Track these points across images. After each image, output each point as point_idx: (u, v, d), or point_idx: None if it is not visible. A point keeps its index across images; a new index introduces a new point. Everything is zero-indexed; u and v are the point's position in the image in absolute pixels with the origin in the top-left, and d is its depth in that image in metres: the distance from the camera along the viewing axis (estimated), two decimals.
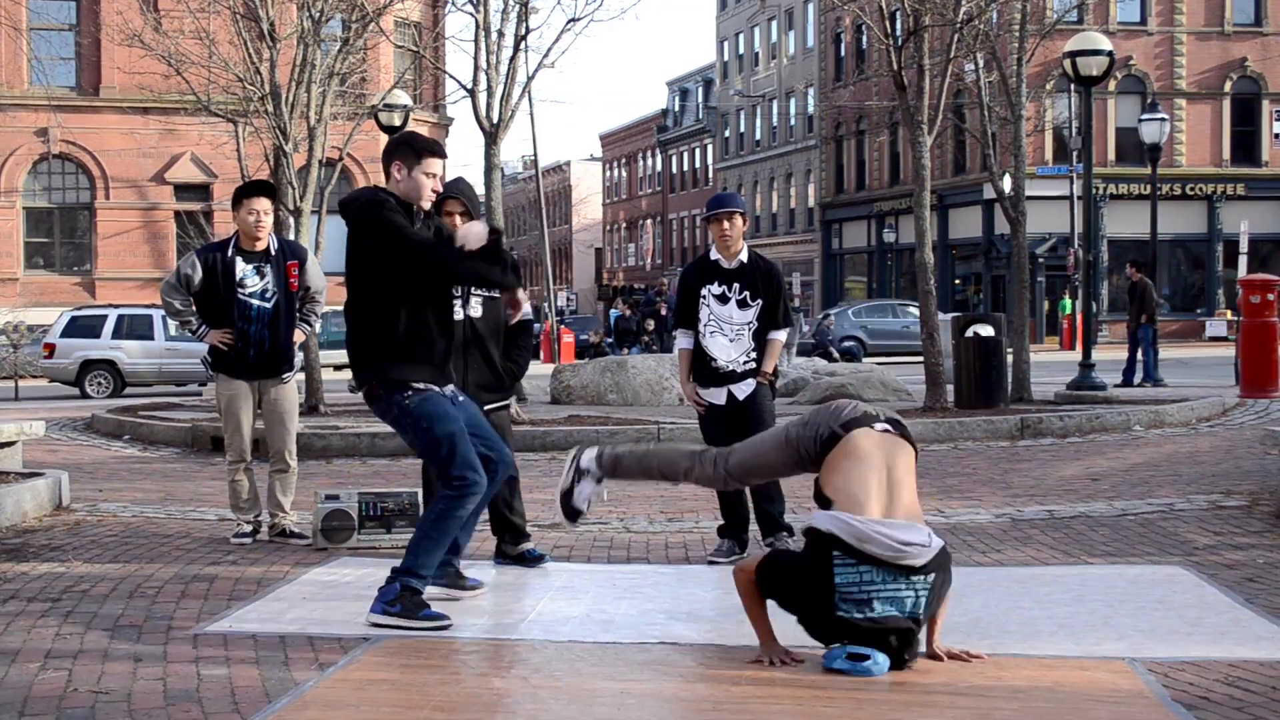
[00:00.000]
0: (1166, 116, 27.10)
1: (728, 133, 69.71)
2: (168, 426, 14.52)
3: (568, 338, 41.91)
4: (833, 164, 58.84)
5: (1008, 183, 19.08)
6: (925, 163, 14.95)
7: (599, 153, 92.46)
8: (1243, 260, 40.15)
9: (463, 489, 5.65)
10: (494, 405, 6.95)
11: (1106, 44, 18.01)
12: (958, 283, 50.47)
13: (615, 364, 19.03)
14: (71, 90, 41.02)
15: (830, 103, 58.29)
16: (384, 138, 18.15)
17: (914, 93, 14.88)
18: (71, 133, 40.74)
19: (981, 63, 18.61)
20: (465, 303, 6.79)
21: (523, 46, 15.38)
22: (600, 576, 6.71)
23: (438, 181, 5.85)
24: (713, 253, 7.47)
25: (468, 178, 7.47)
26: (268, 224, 7.76)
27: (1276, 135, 47.72)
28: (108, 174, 41.44)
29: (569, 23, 15.97)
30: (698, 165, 75.49)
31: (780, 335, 7.48)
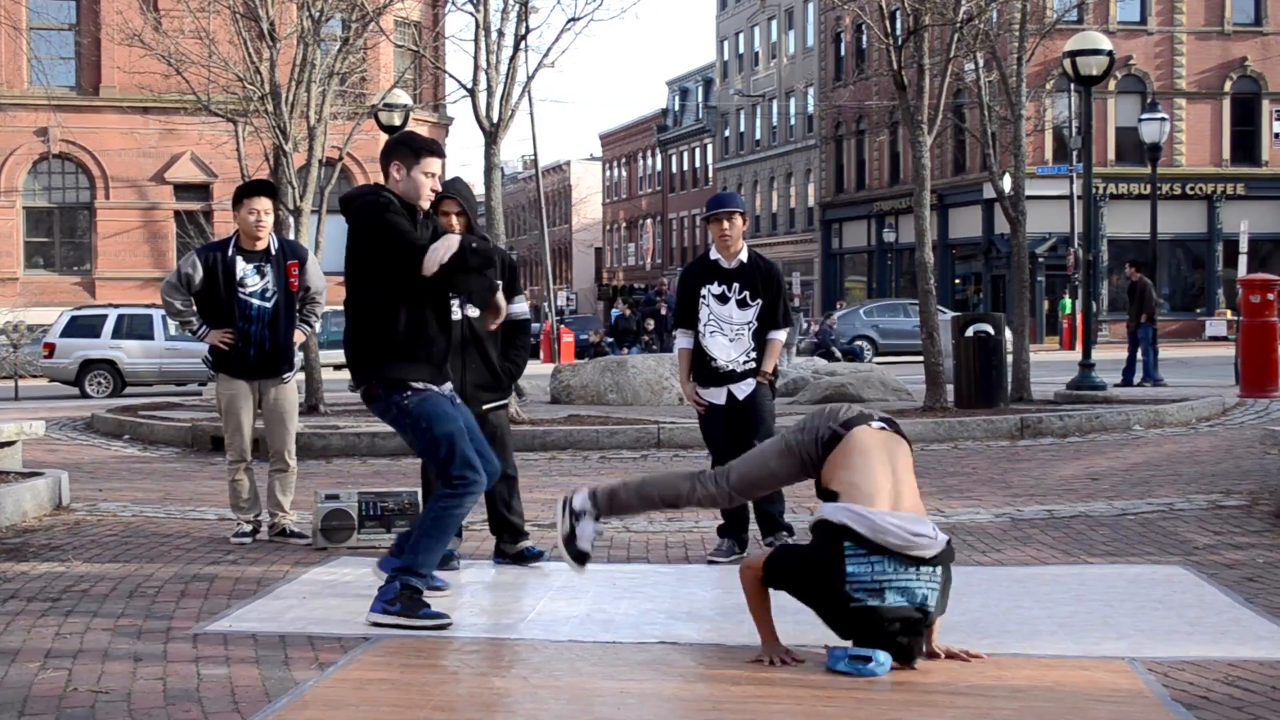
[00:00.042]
0: (1166, 116, 27.10)
1: (728, 132, 69.71)
2: (168, 426, 14.53)
3: (567, 337, 41.92)
4: (833, 164, 58.84)
5: (1008, 182, 19.08)
6: (925, 162, 14.95)
7: (599, 152, 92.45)
8: (1243, 260, 40.18)
9: (462, 487, 5.66)
10: (492, 405, 6.95)
11: (1106, 43, 18.01)
12: (958, 282, 50.47)
13: (615, 364, 19.03)
14: (71, 90, 41.02)
15: (830, 102, 58.29)
16: (384, 137, 18.15)
17: (914, 92, 14.88)
18: (71, 132, 40.74)
19: (981, 62, 18.61)
20: (463, 303, 6.79)
21: (523, 46, 15.33)
22: (600, 576, 6.70)
23: (436, 181, 5.84)
24: (712, 252, 7.47)
25: (468, 177, 7.47)
26: (268, 223, 7.76)
27: (1276, 135, 47.72)
28: (108, 174, 41.43)
29: (569, 22, 15.91)
30: (698, 165, 75.50)
31: (780, 335, 7.48)
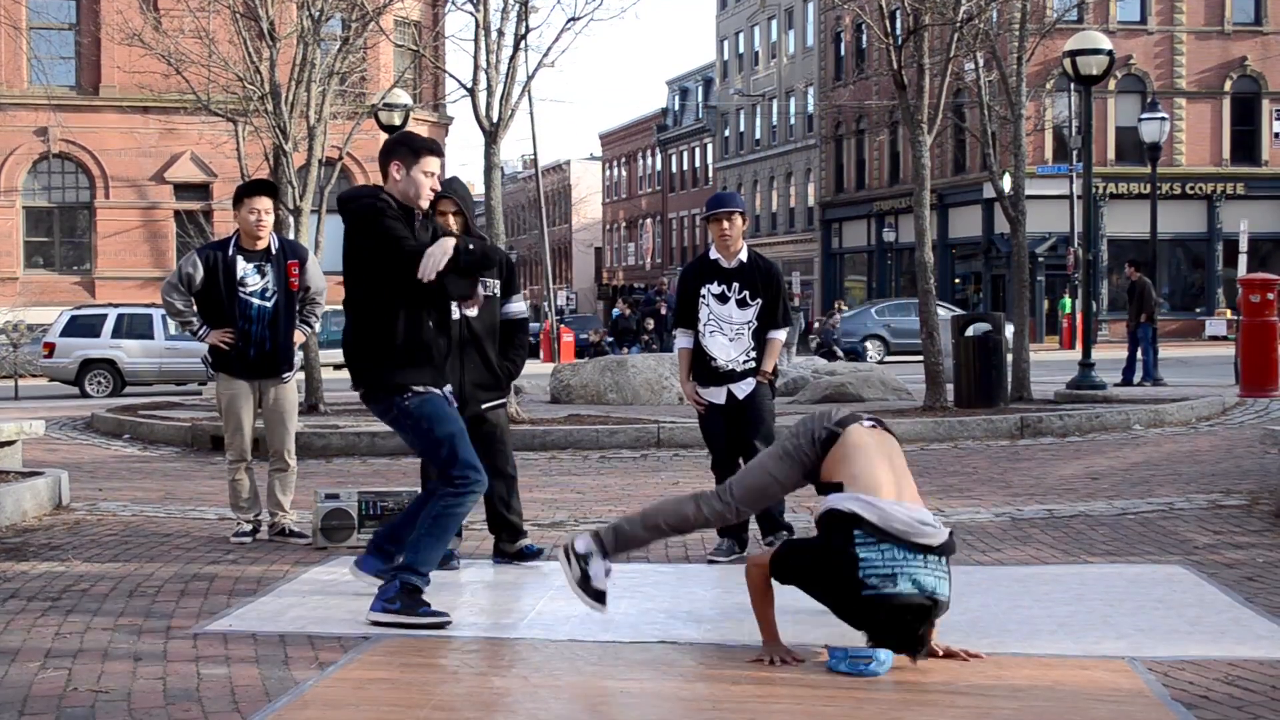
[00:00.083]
0: (1166, 116, 27.09)
1: (727, 132, 69.70)
2: (168, 426, 14.53)
3: (567, 337, 41.92)
4: (832, 163, 58.82)
5: (1007, 182, 19.08)
6: (925, 162, 14.95)
7: (599, 152, 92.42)
8: (1242, 259, 40.18)
9: (464, 487, 5.67)
10: (491, 404, 6.95)
11: (1106, 43, 18.01)
12: (958, 282, 50.45)
13: (615, 363, 19.05)
14: (71, 89, 41.01)
15: (830, 102, 58.27)
16: (384, 137, 18.14)
17: (914, 92, 14.88)
18: (71, 132, 40.72)
19: (981, 62, 18.62)
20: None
21: (523, 46, 15.32)
22: None
23: (436, 181, 5.85)
24: (712, 252, 7.46)
25: (468, 177, 7.47)
26: (269, 223, 7.76)
27: (1276, 134, 47.71)
28: (107, 173, 41.42)
29: (569, 22, 15.89)
30: (697, 164, 75.49)
31: (780, 334, 7.48)
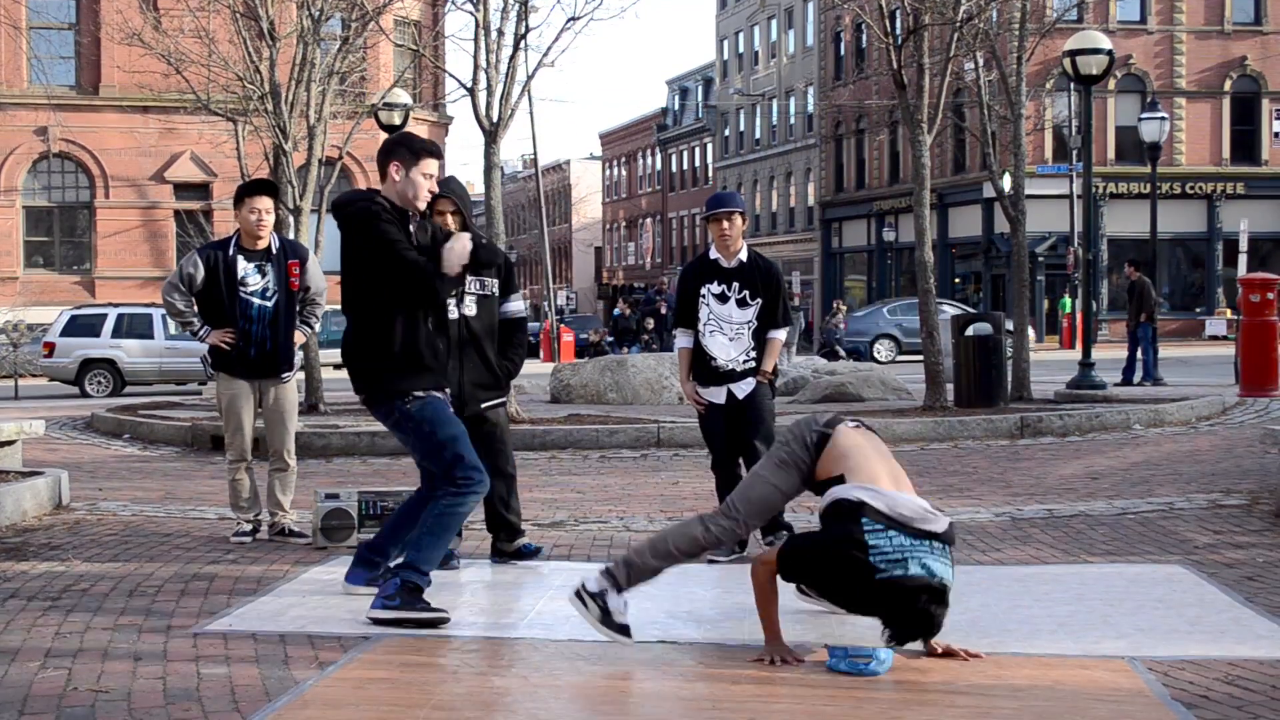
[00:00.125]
0: (1166, 115, 27.09)
1: (727, 131, 69.70)
2: (167, 425, 14.53)
3: (567, 336, 41.93)
4: (832, 163, 58.82)
5: (1007, 181, 19.08)
6: (925, 161, 14.95)
7: (599, 151, 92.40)
8: (1242, 259, 40.16)
9: (467, 486, 5.70)
10: (491, 403, 6.95)
11: (1106, 43, 18.01)
12: (957, 281, 50.44)
13: (615, 363, 19.05)
14: (71, 89, 41.01)
15: (830, 102, 58.26)
16: (384, 137, 18.14)
17: (914, 91, 14.88)
18: (71, 131, 40.72)
19: (981, 61, 18.61)
20: (460, 301, 6.78)
21: (522, 45, 15.30)
22: None
23: (434, 183, 5.86)
24: (712, 252, 7.46)
25: (468, 177, 7.47)
26: (269, 223, 7.75)
27: (1276, 134, 47.71)
28: (107, 173, 41.42)
29: (569, 21, 15.87)
30: (697, 164, 75.48)
31: (780, 334, 7.48)
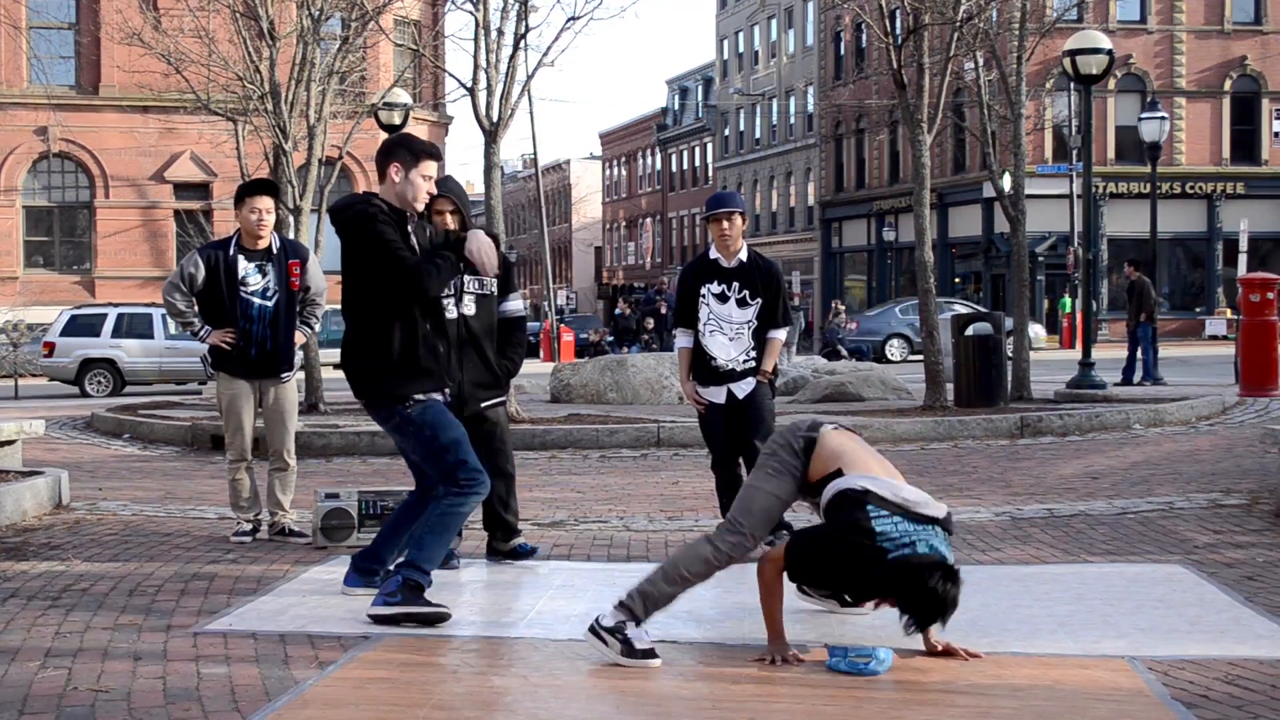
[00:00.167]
0: (1166, 115, 27.09)
1: (727, 131, 69.70)
2: (167, 425, 14.52)
3: (567, 336, 41.92)
4: (832, 162, 58.83)
5: (1007, 181, 19.08)
6: (925, 161, 14.96)
7: (599, 151, 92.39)
8: (1242, 259, 40.17)
9: (469, 486, 5.72)
10: (490, 403, 6.95)
11: (1106, 42, 18.01)
12: (957, 281, 50.44)
13: (615, 362, 19.04)
14: (71, 89, 41.00)
15: (830, 101, 58.27)
16: (383, 136, 18.15)
17: (914, 91, 14.88)
18: (71, 131, 40.71)
19: (981, 61, 18.61)
20: (459, 301, 6.78)
21: (522, 45, 15.30)
22: (600, 575, 6.71)
23: (433, 184, 5.87)
24: (712, 252, 7.46)
25: (468, 176, 7.47)
26: (270, 222, 7.75)
27: (1276, 134, 47.71)
28: (107, 173, 41.41)
29: (569, 21, 15.86)
30: (697, 164, 75.48)
31: (780, 334, 7.48)
